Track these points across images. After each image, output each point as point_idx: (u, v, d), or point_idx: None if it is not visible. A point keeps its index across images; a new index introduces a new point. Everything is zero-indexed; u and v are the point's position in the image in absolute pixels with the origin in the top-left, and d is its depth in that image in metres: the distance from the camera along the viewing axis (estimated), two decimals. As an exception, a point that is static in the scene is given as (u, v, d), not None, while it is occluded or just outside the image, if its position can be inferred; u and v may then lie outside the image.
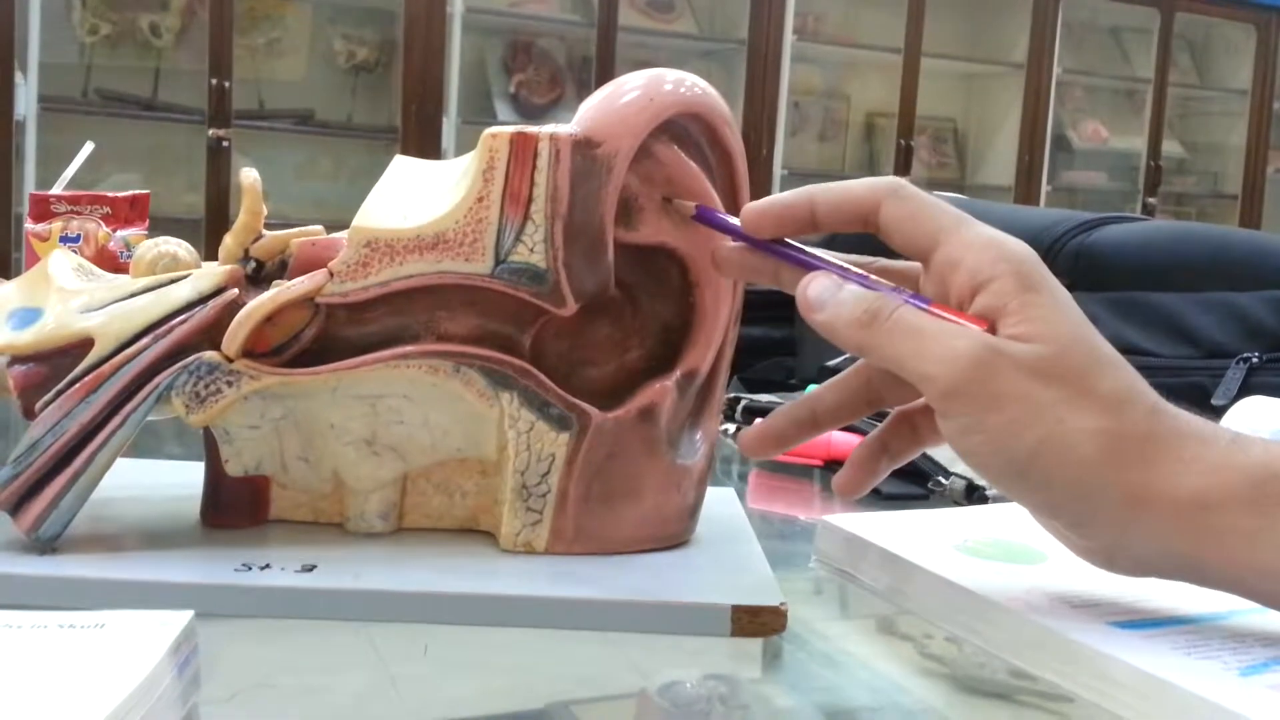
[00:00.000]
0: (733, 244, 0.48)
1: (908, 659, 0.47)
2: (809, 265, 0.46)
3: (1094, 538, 0.42)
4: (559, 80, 3.72)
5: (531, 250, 0.48)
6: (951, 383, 0.41)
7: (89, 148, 1.01)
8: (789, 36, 3.80)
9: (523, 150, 0.47)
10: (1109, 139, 4.47)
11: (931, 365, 0.41)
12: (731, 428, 0.85)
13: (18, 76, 2.99)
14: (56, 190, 0.95)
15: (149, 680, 0.33)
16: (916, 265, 0.46)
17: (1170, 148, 4.52)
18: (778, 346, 1.32)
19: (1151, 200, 4.41)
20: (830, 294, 0.44)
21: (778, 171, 3.82)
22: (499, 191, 0.47)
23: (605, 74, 3.53)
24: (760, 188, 3.68)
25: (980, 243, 0.43)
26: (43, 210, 0.93)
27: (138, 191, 0.96)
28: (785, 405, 0.50)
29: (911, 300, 0.43)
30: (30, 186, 2.92)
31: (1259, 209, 4.61)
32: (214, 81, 3.17)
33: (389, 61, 3.52)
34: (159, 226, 0.99)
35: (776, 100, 3.81)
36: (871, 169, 4.19)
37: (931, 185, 4.06)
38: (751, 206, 0.47)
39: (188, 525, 0.52)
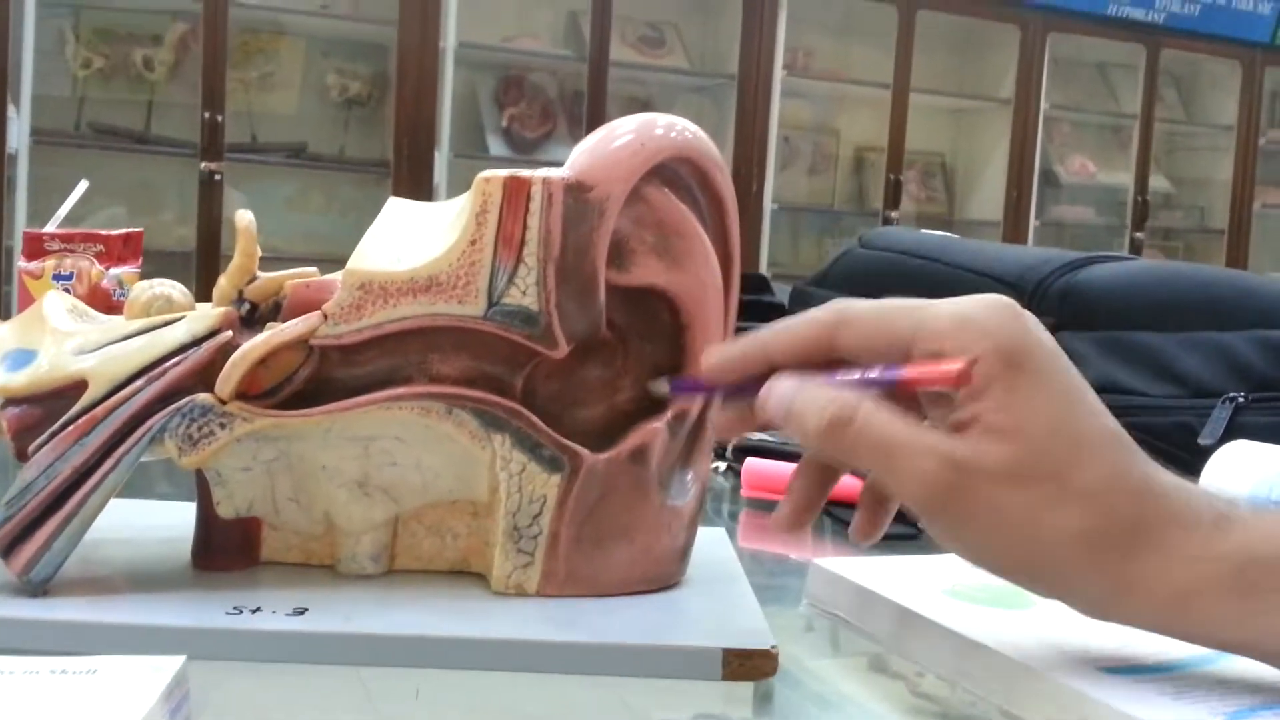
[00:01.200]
0: (722, 411, 0.47)
1: (899, 699, 0.47)
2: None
3: (1078, 610, 0.43)
4: (551, 114, 3.74)
5: (524, 293, 0.48)
6: (922, 503, 0.41)
7: (83, 186, 1.01)
8: (779, 71, 3.83)
9: (516, 194, 0.48)
10: (1096, 174, 4.50)
11: (901, 485, 0.41)
12: (722, 466, 0.85)
13: (10, 109, 2.99)
14: (50, 228, 0.95)
15: (141, 727, 0.33)
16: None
17: (1157, 183, 4.55)
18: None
19: (1139, 235, 4.44)
20: (790, 401, 0.43)
21: (768, 205, 3.84)
22: (492, 234, 0.48)
23: (597, 108, 3.55)
24: (751, 222, 3.71)
25: (953, 323, 0.41)
26: (36, 248, 0.93)
27: (131, 230, 0.96)
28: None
29: (882, 376, 0.42)
30: (22, 220, 2.92)
31: (1246, 244, 4.64)
32: (206, 115, 3.18)
33: (381, 95, 3.54)
34: (149, 259, 1.00)
35: (766, 135, 3.83)
36: (861, 203, 4.21)
37: (920, 220, 4.09)
38: (709, 361, 0.46)
39: (179, 567, 0.52)
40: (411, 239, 0.50)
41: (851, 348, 0.43)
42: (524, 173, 0.48)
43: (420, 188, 3.31)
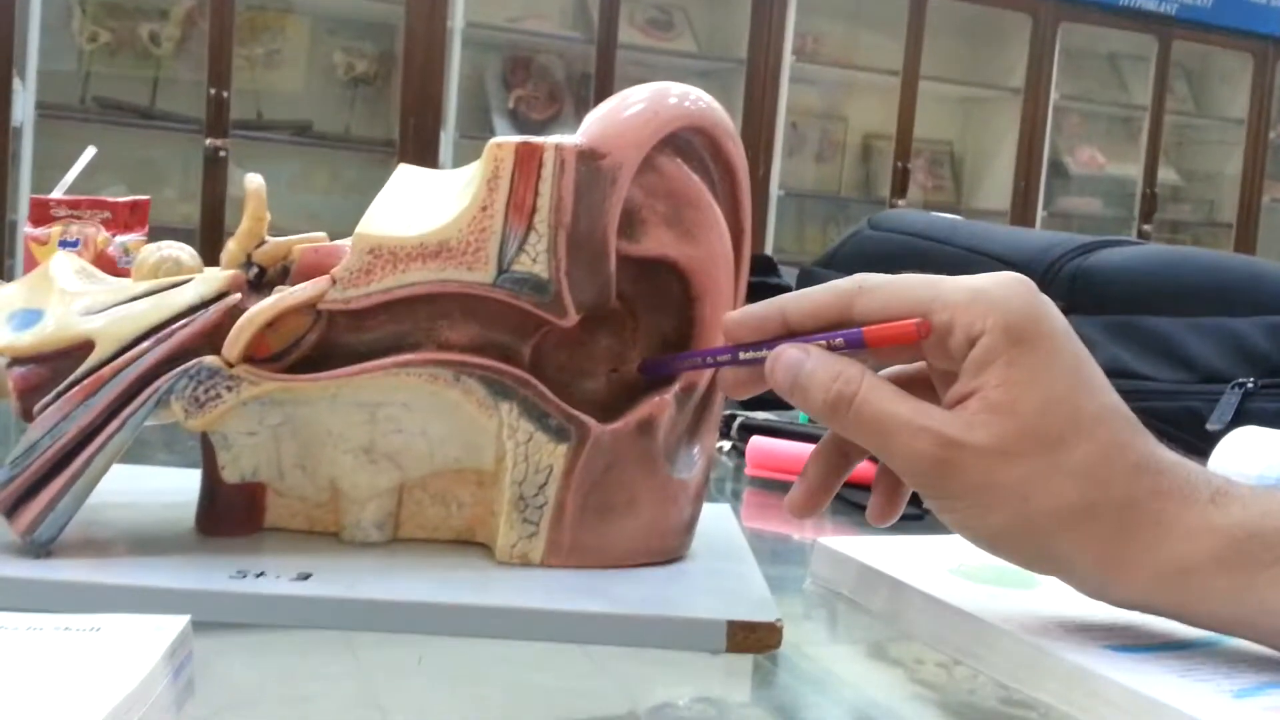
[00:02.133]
0: (726, 369, 0.48)
1: (898, 684, 0.47)
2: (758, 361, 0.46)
3: (1075, 587, 0.43)
4: (558, 96, 3.73)
5: (534, 260, 0.48)
6: (916, 480, 0.43)
7: (90, 152, 1.01)
8: (788, 57, 3.82)
9: (528, 160, 0.47)
10: (1105, 165, 4.49)
11: (896, 462, 0.43)
12: (727, 445, 0.85)
13: (16, 83, 2.99)
14: (56, 195, 0.95)
15: (145, 684, 0.33)
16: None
17: (1166, 175, 4.54)
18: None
19: (1147, 227, 4.43)
20: (795, 373, 0.44)
21: (774, 192, 3.83)
22: (503, 201, 0.47)
23: (604, 91, 3.54)
24: (757, 207, 3.69)
25: (965, 298, 0.42)
26: (42, 214, 0.93)
27: (138, 197, 0.96)
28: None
29: (847, 336, 0.44)
30: (26, 193, 2.92)
31: (1254, 237, 4.63)
32: (212, 91, 3.17)
33: (388, 74, 3.53)
34: (154, 235, 0.99)
35: (774, 120, 3.82)
36: (868, 190, 4.20)
37: (928, 207, 4.08)
38: (729, 317, 0.47)
39: (183, 532, 0.51)
40: (422, 205, 0.50)
41: (868, 316, 0.44)
42: (536, 139, 0.48)
43: (426, 168, 3.30)
